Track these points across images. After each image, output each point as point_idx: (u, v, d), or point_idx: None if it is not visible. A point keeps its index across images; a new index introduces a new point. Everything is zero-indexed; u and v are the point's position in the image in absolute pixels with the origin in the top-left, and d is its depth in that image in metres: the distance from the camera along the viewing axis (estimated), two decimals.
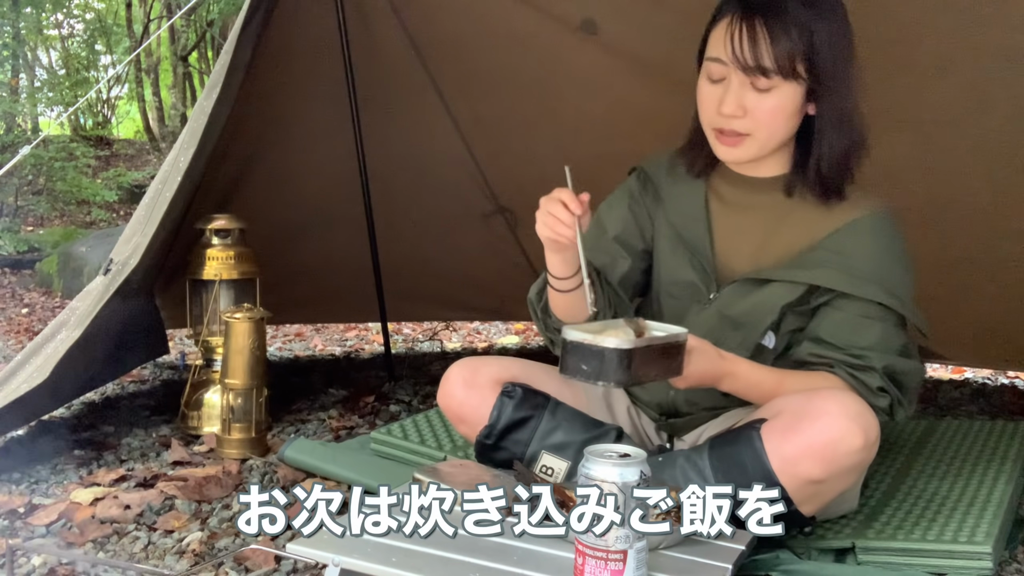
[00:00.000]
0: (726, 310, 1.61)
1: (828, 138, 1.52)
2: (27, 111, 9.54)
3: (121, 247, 2.21)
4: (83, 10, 10.96)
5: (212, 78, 2.22)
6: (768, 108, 1.49)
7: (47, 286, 5.88)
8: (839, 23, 1.50)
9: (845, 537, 1.54)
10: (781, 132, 1.53)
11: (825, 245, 1.55)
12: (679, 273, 1.67)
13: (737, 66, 1.48)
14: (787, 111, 1.50)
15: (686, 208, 1.67)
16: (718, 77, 1.52)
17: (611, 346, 1.33)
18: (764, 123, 1.51)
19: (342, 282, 3.07)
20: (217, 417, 2.27)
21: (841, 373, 1.52)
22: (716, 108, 1.52)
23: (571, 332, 1.37)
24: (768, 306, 1.58)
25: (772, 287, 1.57)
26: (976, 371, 3.27)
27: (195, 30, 10.03)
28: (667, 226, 1.70)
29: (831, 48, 1.47)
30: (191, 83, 10.89)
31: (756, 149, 1.55)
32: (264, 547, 1.54)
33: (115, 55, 10.82)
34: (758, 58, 1.46)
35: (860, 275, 1.52)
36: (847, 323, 1.53)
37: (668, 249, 1.70)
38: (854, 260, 1.53)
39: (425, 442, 2.03)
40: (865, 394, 1.49)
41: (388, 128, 2.85)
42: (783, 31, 1.45)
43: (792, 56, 1.45)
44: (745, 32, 1.46)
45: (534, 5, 2.49)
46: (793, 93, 1.49)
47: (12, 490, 1.93)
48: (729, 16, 1.49)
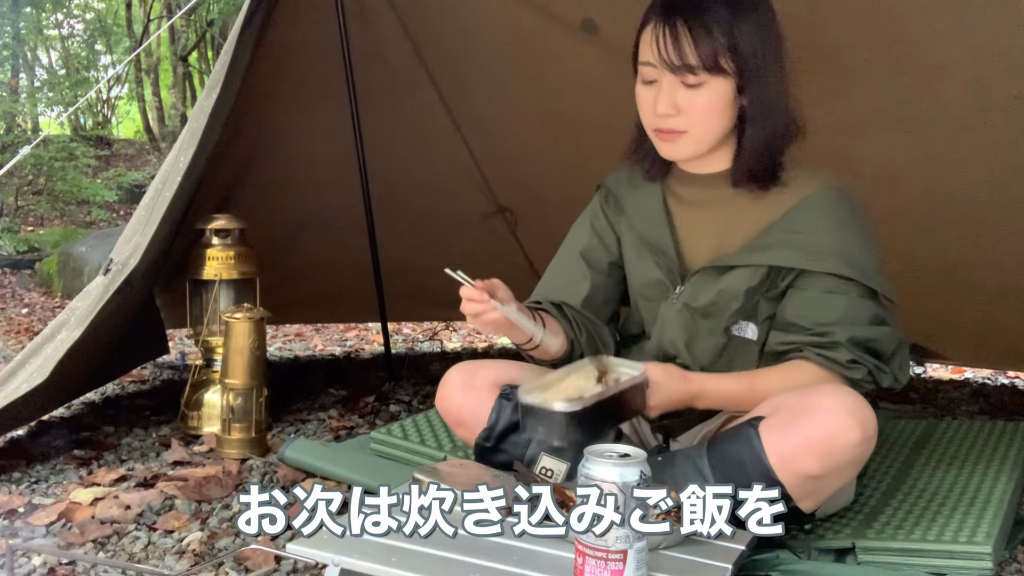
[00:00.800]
0: (692, 302, 1.64)
1: (755, 128, 1.57)
2: (27, 111, 9.55)
3: (121, 247, 2.21)
4: (83, 10, 10.97)
5: (212, 78, 2.22)
6: (700, 104, 1.54)
7: (47, 286, 5.88)
8: (761, 18, 1.55)
9: (845, 537, 1.54)
10: (716, 126, 1.57)
11: (780, 225, 1.59)
12: (647, 274, 1.72)
13: (664, 67, 1.53)
14: (718, 106, 1.55)
15: (646, 212, 1.72)
16: (651, 79, 1.58)
17: (560, 409, 1.36)
18: (698, 119, 1.55)
19: (342, 282, 3.07)
20: (217, 417, 2.27)
21: (809, 355, 1.54)
22: (652, 109, 1.58)
23: (525, 395, 1.41)
24: (732, 292, 1.60)
25: (733, 274, 1.60)
26: (976, 371, 3.27)
27: (195, 30, 10.04)
28: (631, 233, 1.75)
29: (753, 42, 1.52)
30: (191, 83, 10.90)
31: (694, 144, 1.59)
32: (264, 547, 1.55)
33: (115, 55, 10.83)
34: (683, 56, 1.51)
35: (816, 250, 1.55)
36: (810, 301, 1.56)
37: (634, 255, 1.74)
38: (809, 236, 1.56)
39: (425, 442, 2.03)
40: (838, 370, 1.52)
41: (388, 128, 2.85)
42: (704, 29, 1.50)
43: (715, 52, 1.50)
44: (668, 33, 1.52)
45: (534, 5, 2.49)
46: (723, 88, 1.53)
47: (12, 490, 1.93)
48: (653, 21, 1.55)
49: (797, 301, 1.58)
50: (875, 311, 1.56)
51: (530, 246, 3.22)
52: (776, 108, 1.56)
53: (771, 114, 1.56)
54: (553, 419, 1.35)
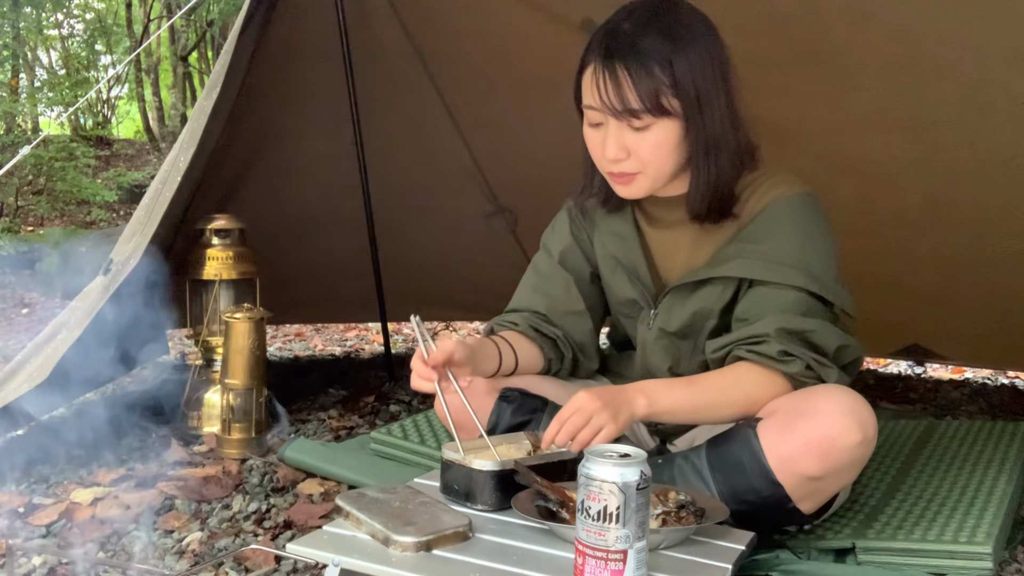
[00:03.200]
0: (667, 326, 1.64)
1: (701, 171, 1.52)
2: (27, 111, 9.55)
3: (121, 247, 2.21)
4: (83, 10, 10.96)
5: (212, 78, 2.22)
6: (649, 146, 1.50)
7: (47, 286, 5.88)
8: (702, 48, 1.48)
9: (845, 537, 1.54)
10: (669, 164, 1.53)
11: (741, 236, 1.57)
12: (622, 292, 1.71)
13: (607, 112, 1.49)
14: (668, 145, 1.50)
15: (617, 228, 1.71)
16: (596, 122, 1.53)
17: (478, 468, 1.38)
18: (649, 160, 1.51)
19: (342, 282, 3.07)
20: (217, 417, 2.27)
21: (741, 352, 1.50)
22: (602, 153, 1.53)
23: (446, 451, 1.44)
24: (705, 312, 1.60)
25: (704, 292, 1.59)
26: (976, 371, 3.27)
27: (195, 30, 10.05)
28: (601, 246, 1.74)
29: (693, 79, 1.46)
30: (191, 83, 10.90)
31: (649, 184, 1.55)
32: (264, 547, 1.55)
33: (115, 55, 10.83)
34: (625, 102, 1.46)
35: (777, 260, 1.52)
36: (746, 301, 1.55)
37: (608, 270, 1.74)
38: (770, 245, 1.54)
39: (425, 442, 2.03)
40: (771, 364, 1.47)
41: (388, 128, 2.85)
42: (644, 71, 1.44)
43: (657, 94, 1.45)
44: (608, 78, 1.46)
45: (534, 5, 2.49)
46: (671, 127, 1.49)
47: (12, 490, 1.93)
48: (592, 64, 1.51)
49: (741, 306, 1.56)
50: (809, 307, 1.50)
51: (530, 246, 3.21)
52: (723, 144, 1.51)
53: (718, 152, 1.51)
54: (472, 476, 1.40)
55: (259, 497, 1.88)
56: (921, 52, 2.12)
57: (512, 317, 1.75)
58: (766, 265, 1.53)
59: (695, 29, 1.50)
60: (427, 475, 1.57)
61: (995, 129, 2.20)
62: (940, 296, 2.54)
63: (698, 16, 1.52)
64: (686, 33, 1.48)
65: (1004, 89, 2.13)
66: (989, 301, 2.60)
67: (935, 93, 2.20)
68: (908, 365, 3.32)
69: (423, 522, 1.28)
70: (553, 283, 1.76)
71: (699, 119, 1.48)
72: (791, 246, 1.53)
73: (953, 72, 2.14)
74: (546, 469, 1.43)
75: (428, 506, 1.34)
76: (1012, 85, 2.11)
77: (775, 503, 1.41)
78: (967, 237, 2.48)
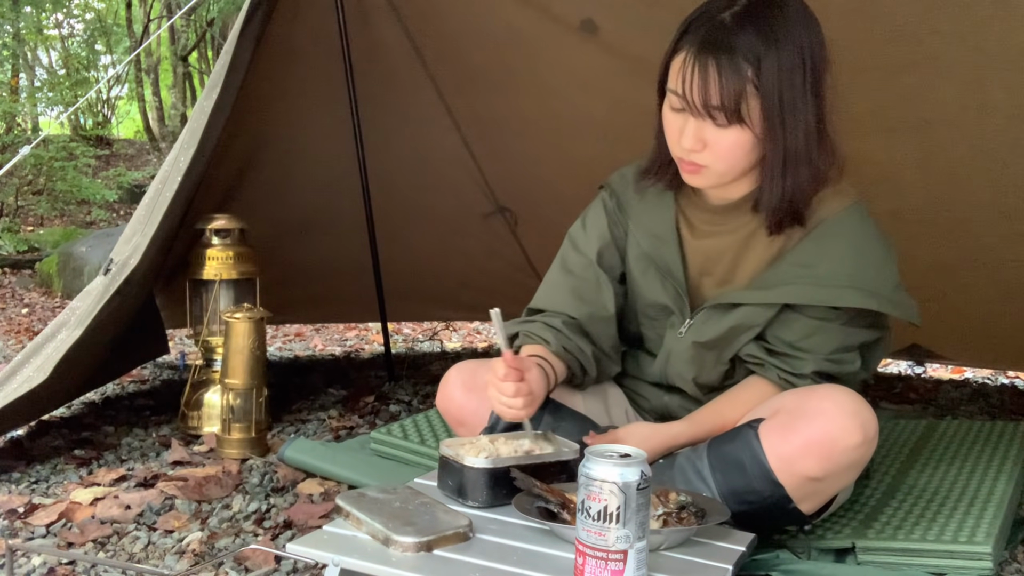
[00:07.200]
0: (700, 337, 1.60)
1: (774, 179, 1.50)
2: (27, 111, 9.55)
3: (121, 247, 2.21)
4: (83, 10, 10.97)
5: (212, 78, 2.22)
6: (727, 144, 1.47)
7: (47, 286, 5.88)
8: (794, 51, 1.44)
9: (845, 537, 1.54)
10: (741, 164, 1.51)
11: (791, 259, 1.54)
12: (653, 295, 1.66)
13: (688, 109, 1.46)
14: (746, 146, 1.47)
15: (655, 228, 1.66)
16: (679, 107, 1.50)
17: (470, 464, 1.39)
18: (722, 157, 1.49)
19: (342, 282, 3.07)
20: (217, 417, 2.27)
21: (772, 376, 1.54)
22: (678, 139, 1.51)
23: (444, 447, 1.45)
24: (744, 327, 1.57)
25: (743, 310, 1.57)
26: (976, 371, 3.27)
27: (195, 30, 10.05)
28: (635, 245, 1.69)
29: (780, 86, 1.43)
30: (191, 83, 10.91)
31: (716, 178, 1.53)
32: (264, 547, 1.55)
33: (115, 55, 10.83)
34: (707, 104, 1.44)
35: (832, 284, 1.50)
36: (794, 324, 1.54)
37: (639, 269, 1.68)
38: (822, 267, 1.51)
39: (425, 442, 2.03)
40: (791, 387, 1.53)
41: (388, 128, 2.85)
42: (734, 73, 1.41)
43: (739, 99, 1.42)
44: (696, 73, 1.43)
45: (534, 5, 2.49)
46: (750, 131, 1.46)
47: (12, 490, 1.93)
48: (684, 52, 1.47)
49: (784, 319, 1.55)
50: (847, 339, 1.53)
51: (530, 246, 3.22)
52: (802, 157, 1.47)
53: (796, 166, 1.48)
54: (463, 473, 1.40)
55: (259, 497, 1.88)
56: (921, 52, 2.12)
57: (541, 330, 1.64)
58: (822, 290, 1.50)
59: (791, 31, 1.45)
60: (427, 475, 1.57)
61: (995, 129, 2.20)
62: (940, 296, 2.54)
63: (801, 16, 1.47)
64: (783, 35, 1.44)
65: (1004, 89, 2.13)
66: (989, 301, 2.60)
67: (935, 93, 2.20)
68: (908, 365, 3.33)
69: (423, 522, 1.27)
70: (588, 285, 1.69)
71: (779, 130, 1.45)
72: (847, 266, 1.51)
73: (953, 72, 2.13)
74: (546, 469, 1.42)
75: (428, 506, 1.34)
76: (1012, 85, 2.11)
77: (776, 504, 1.41)
78: (967, 237, 2.48)
